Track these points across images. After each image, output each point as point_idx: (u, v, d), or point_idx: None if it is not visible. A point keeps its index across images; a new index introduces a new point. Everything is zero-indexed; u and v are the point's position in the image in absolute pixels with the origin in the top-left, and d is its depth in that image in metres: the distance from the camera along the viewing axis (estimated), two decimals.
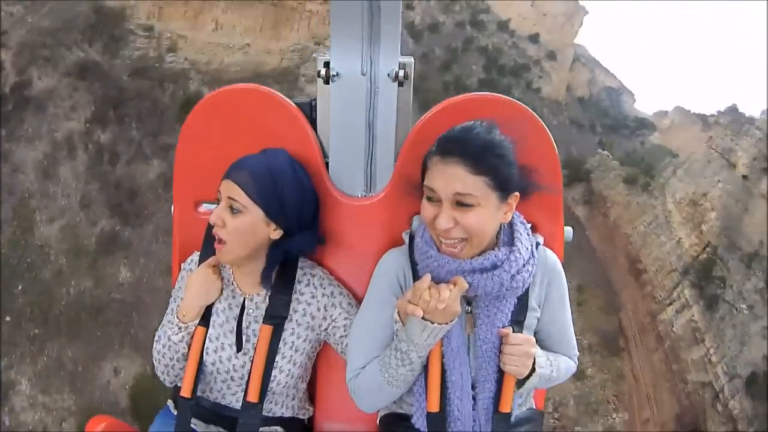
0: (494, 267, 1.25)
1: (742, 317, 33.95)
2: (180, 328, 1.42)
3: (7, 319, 18.46)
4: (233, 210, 1.33)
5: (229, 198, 1.32)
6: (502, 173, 1.20)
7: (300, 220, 1.39)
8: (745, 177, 37.89)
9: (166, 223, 22.53)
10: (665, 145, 68.01)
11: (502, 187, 1.21)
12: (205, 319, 1.43)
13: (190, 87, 27.49)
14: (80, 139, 22.36)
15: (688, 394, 32.69)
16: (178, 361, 1.44)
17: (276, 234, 1.37)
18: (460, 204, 1.19)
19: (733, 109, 42.02)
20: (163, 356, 1.45)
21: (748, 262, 35.78)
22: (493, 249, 1.28)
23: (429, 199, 1.24)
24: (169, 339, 1.43)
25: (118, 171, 22.70)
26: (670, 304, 36.16)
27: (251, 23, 30.77)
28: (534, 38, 64.57)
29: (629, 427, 33.51)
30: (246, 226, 1.33)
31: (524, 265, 1.27)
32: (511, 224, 1.32)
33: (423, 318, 1.21)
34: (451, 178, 1.19)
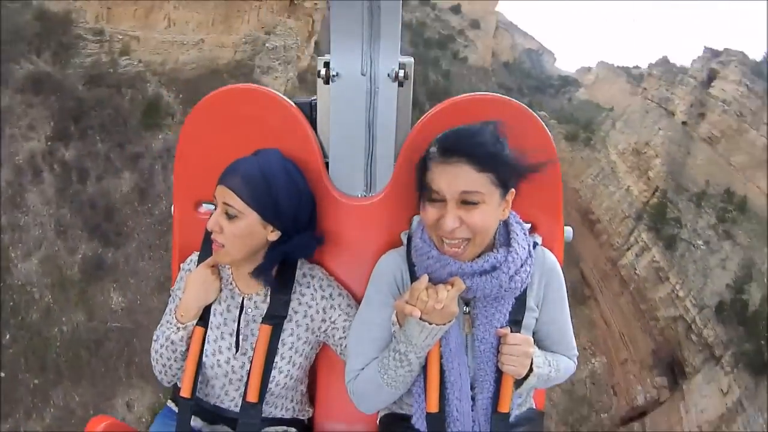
0: (493, 269, 1.26)
1: (700, 252, 37.00)
2: (178, 328, 1.41)
3: (2, 375, 16.38)
4: (229, 216, 1.32)
5: (225, 204, 1.32)
6: (504, 169, 1.22)
7: (296, 221, 1.39)
8: (684, 123, 40.82)
9: (148, 238, 20.95)
10: (592, 100, 71.82)
11: (504, 184, 1.23)
12: (204, 319, 1.43)
13: (148, 90, 25.80)
14: (44, 160, 20.06)
15: (661, 330, 35.28)
16: (175, 360, 1.44)
17: (273, 235, 1.37)
18: (466, 203, 1.20)
19: (664, 61, 44.91)
20: (161, 356, 1.45)
21: (698, 202, 38.85)
22: (491, 250, 1.29)
23: (431, 200, 1.23)
24: (167, 339, 1.43)
25: (89, 189, 20.70)
26: (629, 249, 38.66)
27: (203, 17, 29.49)
28: (456, 9, 65.87)
29: (609, 370, 35.86)
30: (242, 230, 1.33)
31: (522, 266, 1.29)
32: (506, 224, 1.33)
33: (421, 319, 1.21)
34: (456, 177, 1.19)
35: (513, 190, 1.27)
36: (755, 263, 34.48)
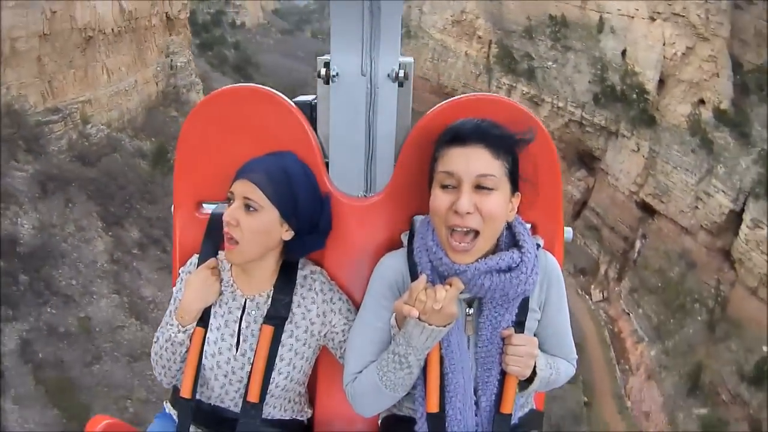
0: (509, 268, 1.25)
1: (555, 70, 44.92)
2: (178, 330, 1.42)
3: None
4: (248, 209, 1.33)
5: (246, 198, 1.33)
6: (515, 162, 1.25)
7: (311, 221, 1.42)
8: None
9: None
10: None
11: (513, 179, 1.24)
12: (204, 320, 1.44)
13: (128, 149, 26.39)
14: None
15: (559, 138, 41.53)
16: (175, 362, 1.45)
17: (288, 235, 1.39)
18: (480, 187, 1.20)
19: None
20: (161, 357, 1.46)
21: (529, 35, 46.11)
22: (495, 252, 1.28)
23: (444, 187, 1.23)
24: (166, 340, 1.43)
25: None
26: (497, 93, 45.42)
27: (128, 58, 30.29)
28: None
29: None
30: (261, 225, 1.34)
31: (533, 269, 1.28)
32: (510, 226, 1.32)
33: (420, 319, 1.19)
34: (474, 159, 1.20)
35: (518, 193, 1.28)
36: (602, 56, 42.05)
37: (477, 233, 1.21)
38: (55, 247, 21.73)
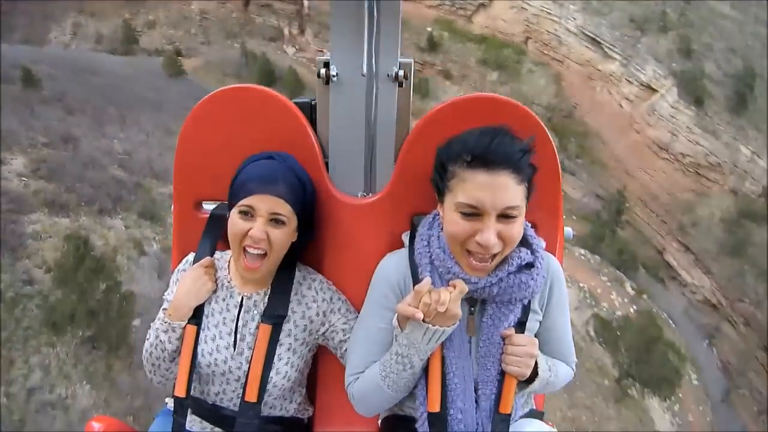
0: (519, 268, 1.25)
1: None
2: (167, 327, 1.41)
3: None
4: (278, 223, 1.33)
5: (274, 213, 1.32)
6: (533, 179, 1.21)
7: (311, 220, 1.45)
8: None
9: None
10: None
11: (530, 194, 1.22)
12: (198, 318, 1.43)
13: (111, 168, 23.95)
14: None
15: None
16: (164, 360, 1.44)
17: (294, 236, 1.40)
18: (505, 216, 1.17)
19: None
20: (150, 354, 1.45)
21: None
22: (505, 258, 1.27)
23: (465, 214, 1.18)
24: (156, 337, 1.43)
25: None
26: None
27: None
28: None
29: None
30: (287, 236, 1.36)
31: (540, 270, 1.29)
32: None
33: (423, 321, 1.20)
34: (501, 190, 1.15)
35: None
36: None
37: (497, 253, 1.21)
38: None
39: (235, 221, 1.34)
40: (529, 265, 1.28)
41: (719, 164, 34.62)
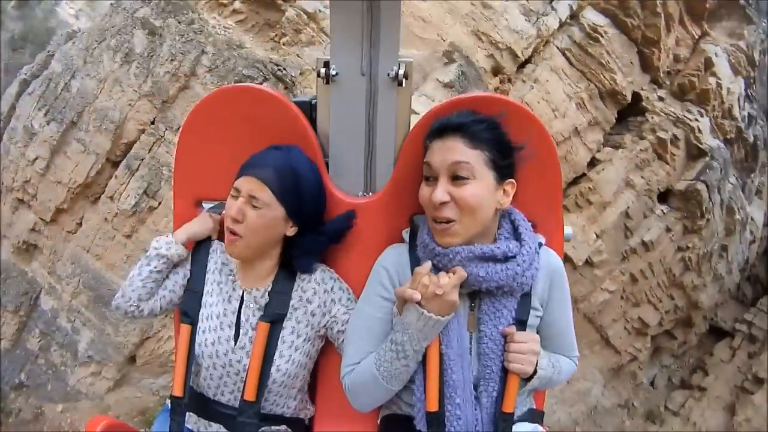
0: (506, 257, 1.26)
1: None
2: (160, 246, 1.43)
3: None
4: (255, 206, 1.33)
5: (251, 195, 1.33)
6: (497, 149, 1.24)
7: (316, 219, 1.43)
8: None
9: None
10: None
11: (498, 168, 1.24)
12: (191, 317, 1.44)
13: None
14: None
15: None
16: (140, 274, 1.42)
17: (292, 231, 1.40)
18: (456, 177, 1.21)
19: None
20: (131, 277, 1.44)
21: None
22: (494, 241, 1.29)
23: (427, 179, 1.27)
24: (146, 255, 1.45)
25: None
26: None
27: None
28: None
29: None
30: (266, 222, 1.34)
31: (531, 262, 1.29)
32: (512, 221, 1.34)
33: (420, 305, 1.20)
34: (449, 150, 1.22)
35: (513, 181, 1.28)
36: None
37: (455, 221, 1.23)
38: None
39: (227, 203, 1.39)
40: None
41: None
